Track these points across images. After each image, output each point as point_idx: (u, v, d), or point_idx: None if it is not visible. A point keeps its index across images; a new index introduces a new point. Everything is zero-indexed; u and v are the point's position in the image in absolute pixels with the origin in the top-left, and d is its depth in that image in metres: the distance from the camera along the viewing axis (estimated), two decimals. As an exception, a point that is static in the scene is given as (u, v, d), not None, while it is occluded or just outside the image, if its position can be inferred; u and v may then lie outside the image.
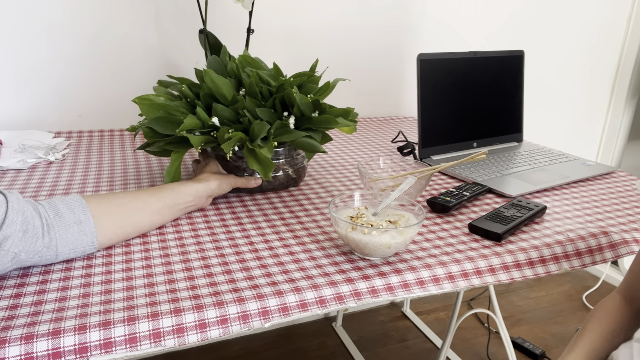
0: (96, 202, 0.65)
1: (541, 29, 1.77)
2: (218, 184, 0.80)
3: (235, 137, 0.77)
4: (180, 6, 1.25)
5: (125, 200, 0.68)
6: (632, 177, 1.06)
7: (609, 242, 0.77)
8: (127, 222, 0.67)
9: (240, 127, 0.81)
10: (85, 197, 0.65)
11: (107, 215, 0.65)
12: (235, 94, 0.83)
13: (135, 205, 0.69)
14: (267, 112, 0.83)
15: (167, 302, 0.56)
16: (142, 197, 0.70)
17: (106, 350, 0.50)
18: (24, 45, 1.14)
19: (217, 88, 0.84)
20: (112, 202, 0.66)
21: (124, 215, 0.67)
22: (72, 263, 0.64)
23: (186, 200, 0.75)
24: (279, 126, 0.82)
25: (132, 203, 0.68)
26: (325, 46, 1.45)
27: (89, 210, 0.63)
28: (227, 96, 0.84)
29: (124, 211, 0.67)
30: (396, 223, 0.69)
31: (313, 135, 0.83)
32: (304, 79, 0.88)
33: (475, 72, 1.17)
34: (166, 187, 0.74)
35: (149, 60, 1.26)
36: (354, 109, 0.90)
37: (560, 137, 1.97)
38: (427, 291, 0.64)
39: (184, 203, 0.75)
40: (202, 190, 0.78)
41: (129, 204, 0.68)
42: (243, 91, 0.87)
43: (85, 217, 0.62)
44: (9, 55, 1.14)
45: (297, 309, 0.58)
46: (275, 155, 0.88)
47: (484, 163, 1.08)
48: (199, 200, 0.78)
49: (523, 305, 1.88)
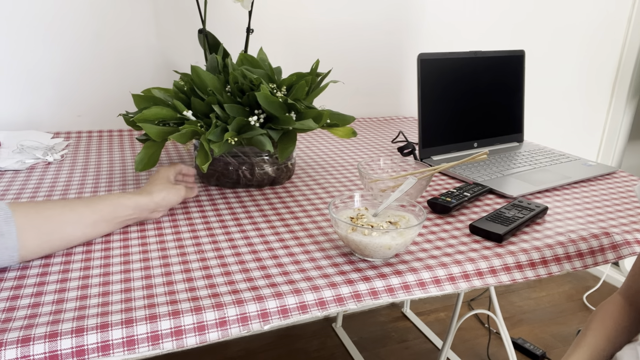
0: (23, 212, 0.60)
1: (542, 29, 1.76)
2: (163, 196, 0.75)
3: (187, 129, 0.79)
4: (180, 6, 1.25)
5: (55, 211, 0.63)
6: (633, 178, 1.06)
7: (611, 243, 0.76)
8: (54, 235, 0.63)
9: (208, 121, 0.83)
10: (12, 206, 0.60)
11: (33, 228, 0.60)
12: (210, 90, 0.84)
13: (67, 217, 0.64)
14: (236, 109, 0.84)
15: (165, 304, 0.55)
16: (76, 208, 0.65)
17: (104, 353, 0.50)
18: (23, 45, 1.14)
19: (202, 83, 0.85)
20: (40, 214, 0.62)
21: (52, 228, 0.62)
22: (70, 265, 0.63)
23: (126, 214, 0.71)
24: (241, 123, 0.82)
25: (64, 215, 0.64)
26: (325, 46, 1.44)
27: (14, 221, 0.58)
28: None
29: (53, 224, 0.63)
30: (397, 224, 0.68)
31: (271, 134, 0.83)
32: (294, 79, 0.88)
33: (476, 72, 1.16)
34: (105, 199, 0.69)
35: (148, 60, 1.25)
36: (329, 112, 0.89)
37: (560, 138, 1.97)
38: (428, 293, 0.64)
39: (124, 216, 0.71)
40: (144, 203, 0.72)
41: (59, 215, 0.63)
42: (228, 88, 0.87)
43: (8, 229, 0.58)
44: (8, 55, 1.13)
45: (296, 311, 0.58)
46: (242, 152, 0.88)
47: (485, 163, 1.08)
48: (142, 214, 0.73)
49: (524, 305, 1.88)
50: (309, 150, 1.18)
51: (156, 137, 0.80)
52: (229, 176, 0.89)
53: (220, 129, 0.81)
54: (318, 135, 1.32)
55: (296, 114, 0.85)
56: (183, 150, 1.13)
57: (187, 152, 1.12)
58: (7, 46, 1.13)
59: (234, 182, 0.90)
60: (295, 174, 1.01)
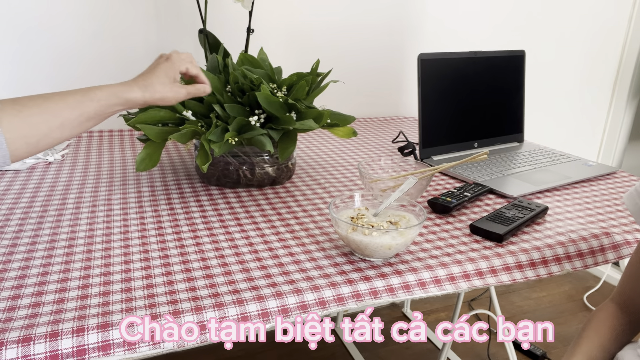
0: (8, 121, 0.58)
1: (542, 29, 1.76)
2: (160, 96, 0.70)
3: (188, 129, 0.79)
4: (180, 6, 1.25)
5: (41, 117, 0.60)
6: (633, 178, 1.06)
7: (611, 243, 0.76)
8: (42, 142, 0.61)
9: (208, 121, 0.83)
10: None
11: (20, 138, 0.59)
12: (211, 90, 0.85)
13: (53, 123, 0.61)
14: (236, 109, 0.84)
15: (166, 304, 0.55)
16: (61, 113, 0.62)
17: (104, 353, 0.50)
18: (22, 45, 1.14)
19: None
20: (25, 121, 0.59)
21: (38, 137, 0.60)
22: (70, 265, 0.63)
23: (115, 110, 0.67)
24: (242, 123, 0.82)
25: (49, 122, 0.61)
26: (325, 46, 1.44)
27: (2, 133, 0.57)
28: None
29: (39, 131, 0.60)
30: (397, 224, 0.68)
31: (272, 134, 0.83)
32: (294, 79, 0.88)
33: (476, 72, 1.16)
34: (93, 96, 0.64)
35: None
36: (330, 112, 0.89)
37: (561, 138, 1.96)
38: (428, 292, 0.64)
39: (112, 112, 0.67)
40: (136, 100, 0.68)
41: (45, 122, 0.61)
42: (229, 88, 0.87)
43: None
44: (8, 55, 1.13)
45: (297, 310, 0.58)
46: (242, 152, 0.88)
47: (485, 163, 1.08)
48: (132, 108, 0.69)
49: (524, 305, 1.88)
50: (309, 150, 1.18)
51: (156, 138, 0.80)
52: (230, 176, 0.89)
53: (220, 129, 0.81)
54: (318, 135, 1.33)
55: (296, 114, 0.85)
56: (183, 150, 1.13)
57: (188, 152, 1.12)
58: (8, 46, 1.13)
59: (235, 182, 0.90)
60: (295, 173, 1.01)
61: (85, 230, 0.73)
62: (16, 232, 0.72)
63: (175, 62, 0.72)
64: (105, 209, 0.80)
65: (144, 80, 0.69)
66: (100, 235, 0.71)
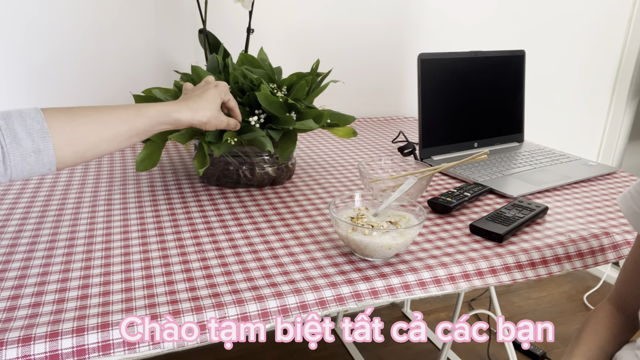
0: (59, 128, 0.57)
1: (542, 28, 1.76)
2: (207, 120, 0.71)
3: (187, 129, 0.79)
4: (180, 6, 1.25)
5: (92, 127, 0.60)
6: (633, 177, 1.06)
7: (611, 243, 0.76)
8: (89, 152, 0.61)
9: None
10: (48, 118, 0.57)
11: (69, 146, 0.58)
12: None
13: (104, 134, 0.61)
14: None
15: (166, 304, 0.55)
16: (111, 125, 0.62)
17: (104, 353, 0.50)
18: (23, 45, 1.14)
19: None
20: (76, 130, 0.59)
21: (87, 146, 0.60)
22: (70, 265, 0.63)
23: (163, 128, 0.68)
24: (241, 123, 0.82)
25: (100, 132, 0.61)
26: (325, 46, 1.44)
27: (50, 137, 0.56)
28: None
29: (90, 142, 0.60)
30: (397, 224, 0.68)
31: (272, 134, 0.83)
32: (294, 79, 0.88)
33: (476, 72, 1.16)
34: (144, 113, 0.65)
35: (148, 60, 1.25)
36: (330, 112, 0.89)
37: (561, 138, 1.96)
38: (428, 292, 0.64)
39: (160, 130, 0.68)
40: (184, 121, 0.69)
41: (95, 132, 0.61)
42: None
43: (45, 146, 0.56)
44: (8, 55, 1.13)
45: (297, 310, 0.58)
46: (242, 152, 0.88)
47: (485, 163, 1.08)
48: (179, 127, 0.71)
49: (524, 305, 1.88)
50: (309, 150, 1.18)
51: (156, 138, 0.81)
52: (230, 176, 0.89)
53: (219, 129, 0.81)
54: (318, 135, 1.33)
55: (296, 114, 0.85)
56: (183, 150, 1.13)
57: (188, 151, 1.12)
58: (9, 46, 1.13)
59: (235, 182, 0.90)
60: (295, 173, 1.01)
61: (85, 230, 0.73)
62: (16, 232, 0.72)
63: (222, 90, 0.75)
64: (105, 209, 0.80)
65: (195, 104, 0.71)
66: (100, 235, 0.71)
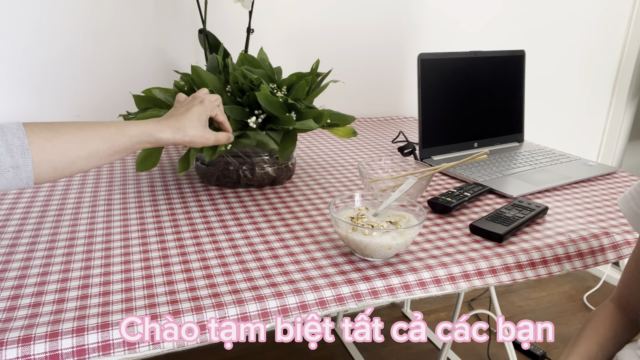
0: (39, 144, 0.57)
1: (542, 28, 1.76)
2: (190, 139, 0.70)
3: None
4: (180, 6, 1.25)
5: (72, 145, 0.60)
6: (633, 178, 1.06)
7: (611, 243, 0.76)
8: (67, 170, 0.61)
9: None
10: (29, 135, 0.57)
11: (48, 162, 0.58)
12: (210, 90, 0.84)
13: (83, 153, 0.61)
14: (236, 110, 0.84)
15: (166, 304, 0.55)
16: (92, 143, 0.62)
17: (104, 353, 0.50)
18: (22, 44, 1.14)
19: (202, 83, 0.85)
20: (56, 147, 0.59)
21: (66, 164, 0.60)
22: (70, 265, 0.63)
23: (143, 147, 0.68)
24: (239, 126, 0.82)
25: (80, 151, 0.61)
26: (325, 46, 1.44)
27: (30, 154, 0.56)
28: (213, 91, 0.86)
29: (69, 160, 0.60)
30: (397, 224, 0.68)
31: (272, 134, 0.83)
32: (294, 79, 0.88)
33: (476, 72, 1.16)
34: (124, 133, 0.64)
35: (148, 59, 1.25)
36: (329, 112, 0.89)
37: (561, 138, 1.96)
38: (428, 292, 0.64)
39: (139, 148, 0.68)
40: (167, 140, 0.68)
41: (75, 151, 0.61)
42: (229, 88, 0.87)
43: (24, 162, 0.56)
44: (8, 54, 1.13)
45: (297, 310, 0.58)
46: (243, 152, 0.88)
47: (485, 163, 1.08)
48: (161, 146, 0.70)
49: (524, 305, 1.88)
50: (309, 150, 1.18)
51: None
52: (230, 176, 0.89)
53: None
54: (318, 135, 1.33)
55: (296, 114, 0.85)
56: (183, 151, 1.13)
57: (188, 152, 1.12)
58: (8, 45, 1.13)
59: (235, 182, 0.90)
60: (295, 173, 1.01)
61: (85, 230, 0.73)
62: (16, 232, 0.72)
63: (208, 106, 0.74)
64: (105, 209, 0.80)
65: (177, 122, 0.69)
66: (100, 235, 0.71)
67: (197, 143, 0.72)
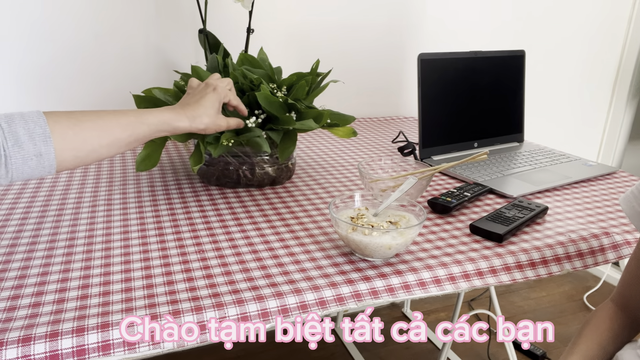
0: (60, 132, 0.58)
1: (542, 28, 1.76)
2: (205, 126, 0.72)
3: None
4: (180, 6, 1.25)
5: (93, 133, 0.61)
6: (633, 178, 1.06)
7: (611, 243, 0.76)
8: (89, 157, 0.62)
9: None
10: (50, 123, 0.58)
11: (70, 150, 0.59)
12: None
13: (104, 140, 0.62)
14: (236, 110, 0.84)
15: (166, 304, 0.55)
16: (112, 131, 0.63)
17: (104, 353, 0.50)
18: (22, 44, 1.14)
19: None
20: (78, 135, 0.60)
21: (87, 151, 0.61)
22: (70, 265, 0.63)
23: (161, 135, 0.70)
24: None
25: (100, 138, 0.62)
26: (325, 46, 1.44)
27: (52, 141, 0.57)
28: None
29: (90, 147, 0.61)
30: (397, 224, 0.68)
31: (272, 134, 0.83)
32: (294, 79, 0.88)
33: (476, 72, 1.16)
34: (143, 121, 0.66)
35: (148, 60, 1.25)
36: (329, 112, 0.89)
37: (561, 138, 1.96)
38: (428, 292, 0.64)
39: (157, 136, 0.69)
40: (183, 128, 0.70)
41: (96, 138, 0.61)
42: None
43: (47, 149, 0.56)
44: (8, 54, 1.13)
45: (297, 310, 0.58)
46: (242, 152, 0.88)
47: (485, 163, 1.08)
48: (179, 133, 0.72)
49: (524, 305, 1.88)
50: (309, 150, 1.18)
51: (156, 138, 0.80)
52: (230, 176, 0.89)
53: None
54: (318, 135, 1.33)
55: (296, 114, 0.85)
56: (183, 150, 1.13)
57: (188, 151, 1.12)
58: (8, 46, 1.13)
59: (235, 182, 0.90)
60: (295, 173, 1.01)
61: (85, 230, 0.73)
62: (16, 232, 0.72)
63: (221, 93, 0.75)
64: (105, 209, 0.80)
65: (193, 111, 0.71)
66: (100, 235, 0.71)
67: (211, 130, 0.74)
